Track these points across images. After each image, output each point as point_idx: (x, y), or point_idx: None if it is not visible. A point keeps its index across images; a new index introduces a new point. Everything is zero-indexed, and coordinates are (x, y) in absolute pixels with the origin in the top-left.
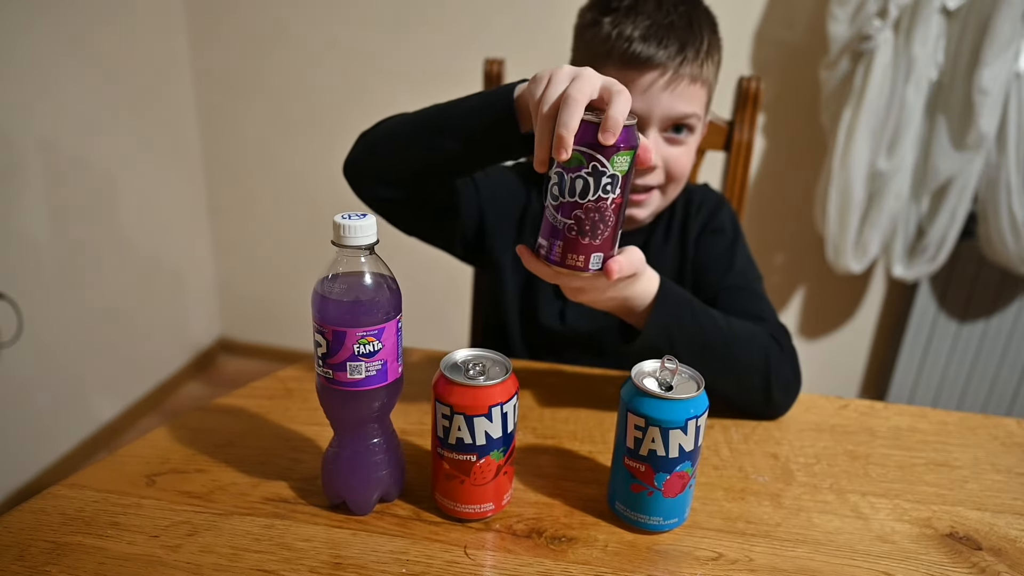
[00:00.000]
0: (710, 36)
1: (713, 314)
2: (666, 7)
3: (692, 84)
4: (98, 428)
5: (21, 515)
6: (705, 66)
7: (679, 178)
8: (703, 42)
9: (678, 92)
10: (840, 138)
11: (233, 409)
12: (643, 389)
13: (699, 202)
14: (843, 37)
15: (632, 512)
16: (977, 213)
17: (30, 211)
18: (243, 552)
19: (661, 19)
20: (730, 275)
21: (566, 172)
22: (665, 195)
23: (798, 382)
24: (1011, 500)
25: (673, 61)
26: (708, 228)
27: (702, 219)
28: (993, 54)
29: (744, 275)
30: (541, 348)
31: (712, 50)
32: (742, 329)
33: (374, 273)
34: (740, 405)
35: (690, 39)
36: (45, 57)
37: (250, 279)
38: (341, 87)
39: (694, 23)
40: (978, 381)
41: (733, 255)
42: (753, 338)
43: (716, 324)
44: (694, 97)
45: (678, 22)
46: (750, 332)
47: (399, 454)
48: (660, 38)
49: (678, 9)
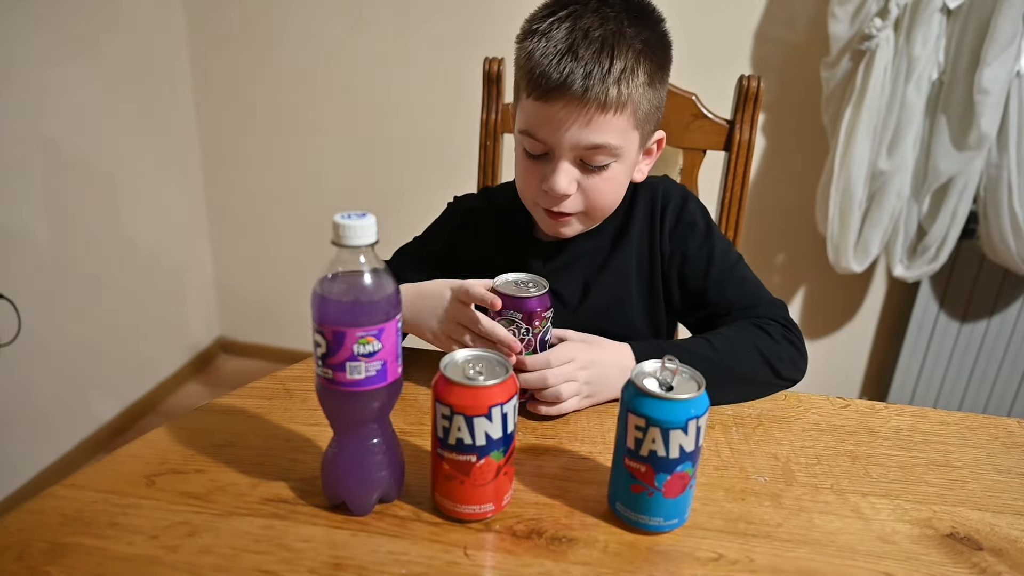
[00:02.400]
0: (635, 56)
1: (692, 347)
2: (581, 30)
3: (604, 113)
4: (98, 428)
5: (21, 515)
6: (623, 89)
7: (602, 207)
8: (618, 65)
9: (587, 121)
10: (841, 138)
11: (232, 409)
12: (643, 389)
13: (664, 198)
14: (844, 36)
15: (632, 513)
16: (978, 213)
17: (30, 211)
18: (242, 553)
19: (570, 45)
20: (713, 269)
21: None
22: (588, 219)
23: (802, 353)
24: (1012, 500)
25: (578, 88)
26: (680, 223)
27: (672, 216)
28: (994, 54)
29: (725, 265)
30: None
31: (636, 70)
32: (726, 342)
33: (374, 273)
34: (760, 396)
35: (599, 64)
36: (45, 57)
37: (250, 279)
38: (341, 87)
39: (616, 44)
40: (979, 381)
41: (712, 249)
42: (739, 342)
43: (703, 355)
44: (608, 126)
45: (591, 46)
46: (734, 338)
47: (399, 454)
48: (565, 66)
49: (591, 35)
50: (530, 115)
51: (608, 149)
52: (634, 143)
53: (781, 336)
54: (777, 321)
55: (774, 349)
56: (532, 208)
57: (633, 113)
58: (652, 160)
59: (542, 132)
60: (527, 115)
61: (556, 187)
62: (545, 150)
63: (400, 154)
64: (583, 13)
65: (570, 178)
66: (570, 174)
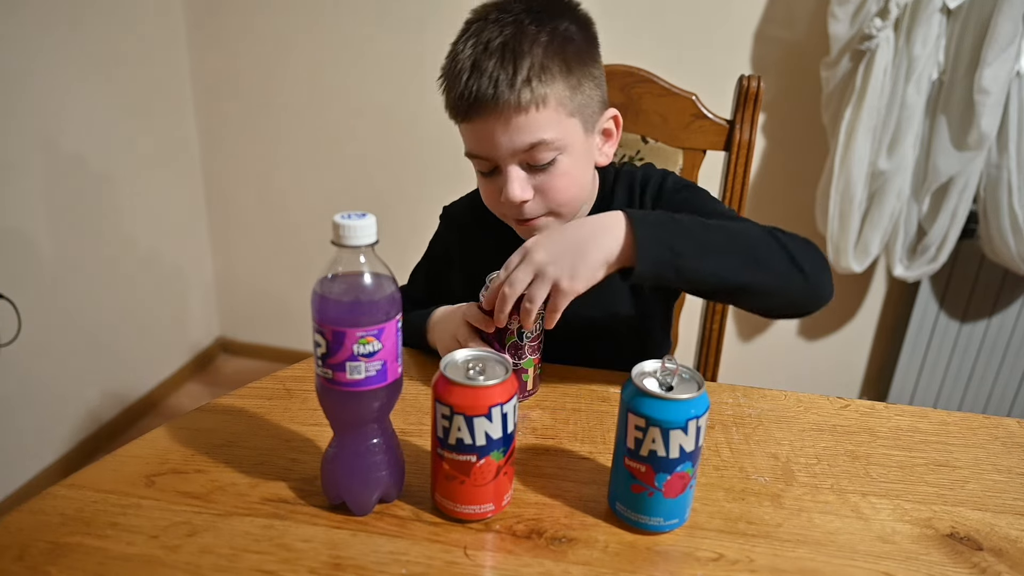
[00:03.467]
0: (542, 51)
1: (703, 219)
2: (481, 43)
3: (525, 113)
4: (98, 428)
5: (21, 515)
6: (536, 87)
7: (564, 201)
8: (524, 65)
9: (512, 126)
10: (841, 138)
11: (232, 409)
12: (643, 389)
13: (643, 180)
14: (844, 36)
15: (632, 513)
16: (978, 213)
17: (30, 211)
18: (242, 552)
19: (474, 62)
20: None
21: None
22: (560, 216)
23: (820, 254)
24: (1012, 500)
25: (490, 100)
26: (663, 196)
27: (652, 192)
28: (994, 54)
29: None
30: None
31: (546, 65)
32: (739, 222)
33: (374, 273)
34: (780, 296)
35: (504, 71)
36: (45, 57)
37: (250, 279)
38: (341, 87)
39: (517, 46)
40: (979, 381)
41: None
42: (750, 225)
43: (716, 224)
44: (534, 124)
45: (492, 56)
46: (744, 223)
47: (399, 454)
48: (474, 82)
49: (491, 45)
50: (465, 137)
51: (545, 145)
52: (575, 131)
53: (798, 238)
54: (781, 230)
55: (790, 240)
56: (505, 221)
57: (559, 104)
58: (615, 142)
59: (479, 150)
60: (464, 138)
61: (511, 196)
62: (492, 165)
63: (401, 154)
64: (483, 27)
65: (522, 183)
66: (521, 180)
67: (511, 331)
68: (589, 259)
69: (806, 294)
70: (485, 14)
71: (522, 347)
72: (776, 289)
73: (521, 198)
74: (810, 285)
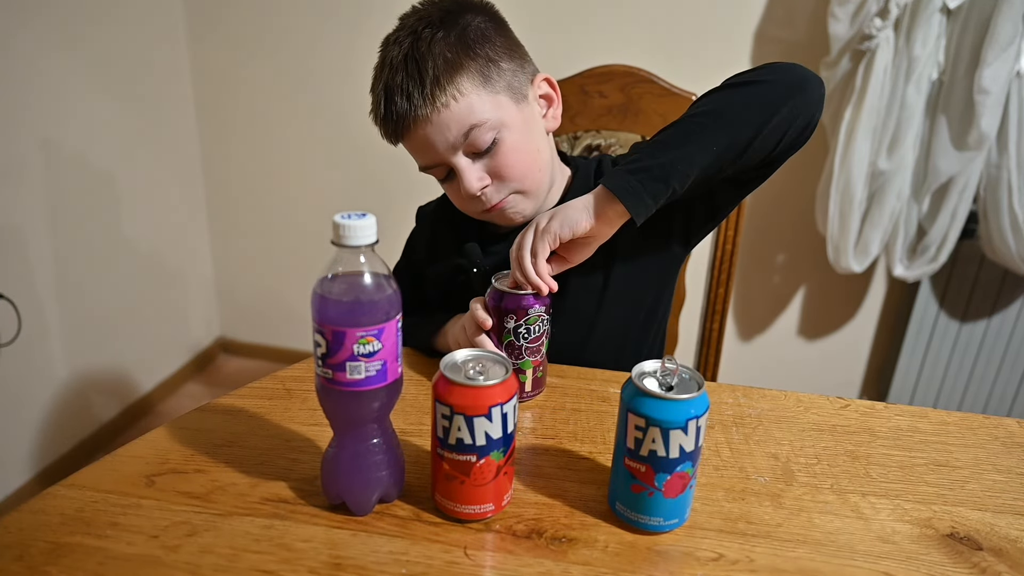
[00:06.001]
0: (446, 51)
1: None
2: (388, 64)
3: (447, 107)
4: (98, 428)
5: (21, 515)
6: (448, 87)
7: (522, 176)
8: (430, 70)
9: (442, 122)
10: (841, 138)
11: (232, 409)
12: (643, 389)
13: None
14: (844, 37)
15: (632, 512)
16: (978, 213)
17: (30, 211)
18: (242, 552)
19: (385, 83)
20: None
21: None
22: (525, 193)
23: (780, 65)
24: (1012, 500)
25: (408, 112)
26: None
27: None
28: (994, 54)
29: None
30: None
31: (454, 63)
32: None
33: (374, 273)
34: (774, 119)
35: (413, 81)
36: (45, 57)
37: (250, 279)
38: (341, 87)
39: (419, 54)
40: (979, 381)
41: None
42: (699, 100)
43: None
44: (461, 112)
45: (398, 72)
46: (694, 105)
47: (399, 454)
48: (389, 101)
49: (394, 62)
50: (409, 153)
51: (478, 128)
52: (506, 106)
53: (755, 69)
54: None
55: (742, 75)
56: (479, 218)
57: (477, 88)
58: (557, 103)
59: (425, 160)
60: (411, 156)
61: (468, 188)
62: (445, 169)
63: (401, 154)
64: (387, 51)
65: (476, 173)
66: (472, 170)
67: (507, 329)
68: (571, 210)
69: (804, 105)
70: (387, 39)
71: (519, 347)
72: (761, 120)
73: (478, 187)
74: (802, 94)
